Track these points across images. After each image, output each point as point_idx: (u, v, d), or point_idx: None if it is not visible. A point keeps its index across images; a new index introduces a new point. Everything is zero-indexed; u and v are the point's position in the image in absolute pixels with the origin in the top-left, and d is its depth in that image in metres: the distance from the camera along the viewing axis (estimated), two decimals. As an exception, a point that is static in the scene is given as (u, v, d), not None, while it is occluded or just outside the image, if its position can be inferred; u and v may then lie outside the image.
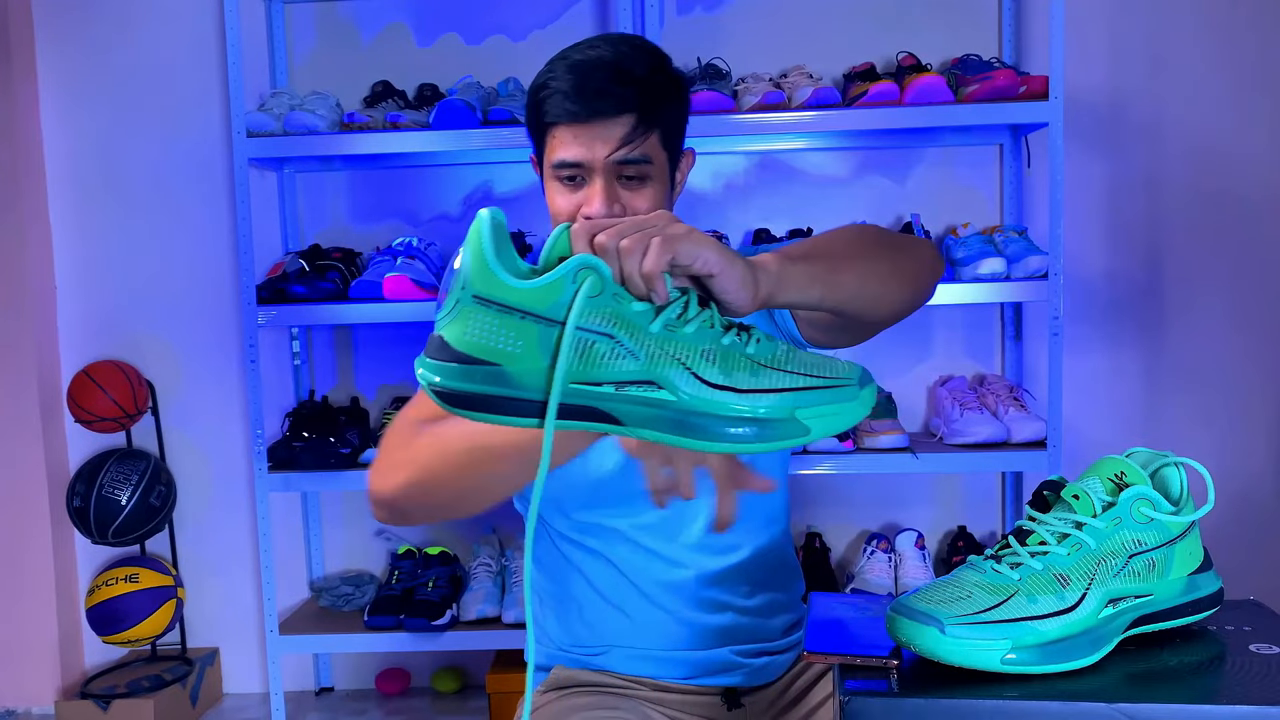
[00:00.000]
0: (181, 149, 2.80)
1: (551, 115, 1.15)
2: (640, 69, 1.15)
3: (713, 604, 1.24)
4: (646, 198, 1.18)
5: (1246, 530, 2.68)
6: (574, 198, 1.18)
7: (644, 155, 1.15)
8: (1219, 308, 2.69)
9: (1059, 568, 0.81)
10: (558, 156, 1.16)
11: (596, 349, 0.67)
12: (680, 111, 1.22)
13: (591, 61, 1.14)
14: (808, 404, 0.68)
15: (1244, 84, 2.65)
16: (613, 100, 1.13)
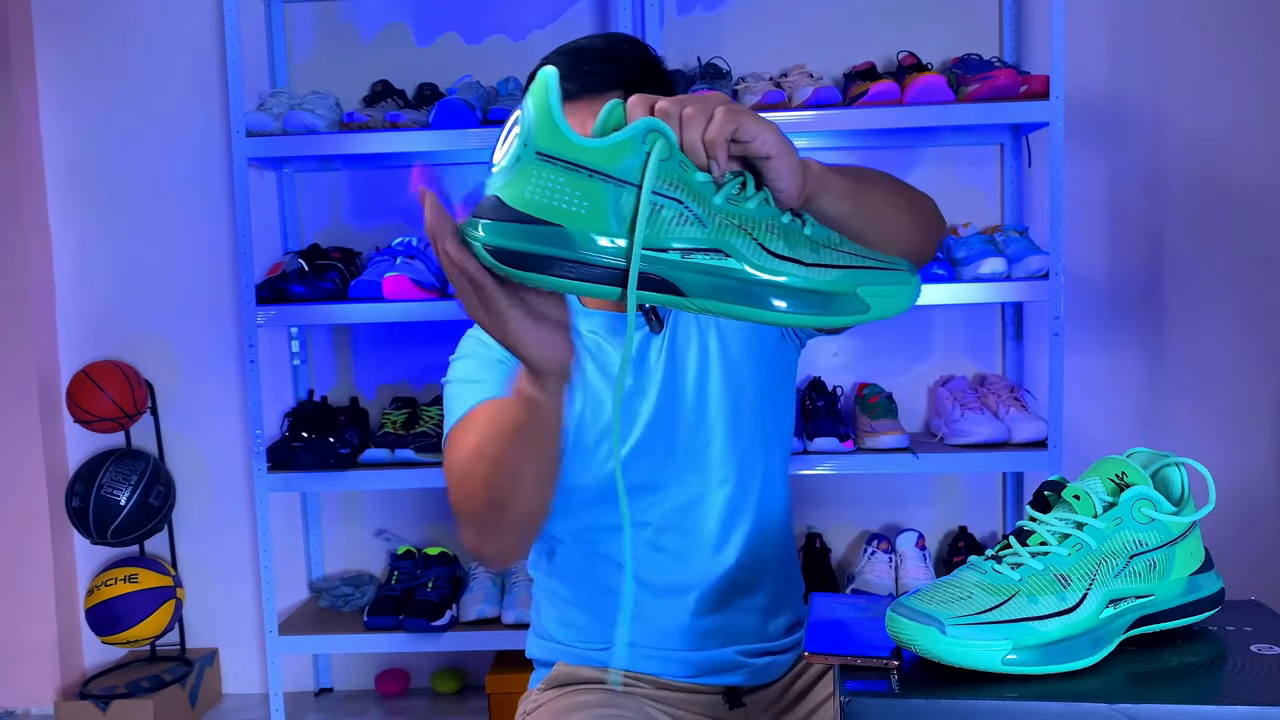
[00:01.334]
0: (181, 149, 2.80)
1: None
2: (627, 53, 1.19)
3: (715, 604, 1.24)
4: None
5: (1248, 530, 2.67)
6: None
7: None
8: (1219, 307, 2.69)
9: (1060, 568, 0.81)
10: None
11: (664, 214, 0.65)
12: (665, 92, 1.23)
13: (580, 47, 1.19)
14: (868, 282, 0.68)
15: (1244, 84, 2.65)
16: (600, 78, 1.16)
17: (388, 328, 2.81)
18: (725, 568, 1.24)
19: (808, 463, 2.38)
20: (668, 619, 1.23)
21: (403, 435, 2.52)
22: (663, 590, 1.23)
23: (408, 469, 2.47)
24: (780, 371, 1.30)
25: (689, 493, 1.23)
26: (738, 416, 1.24)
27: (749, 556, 1.25)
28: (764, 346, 1.27)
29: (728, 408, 1.24)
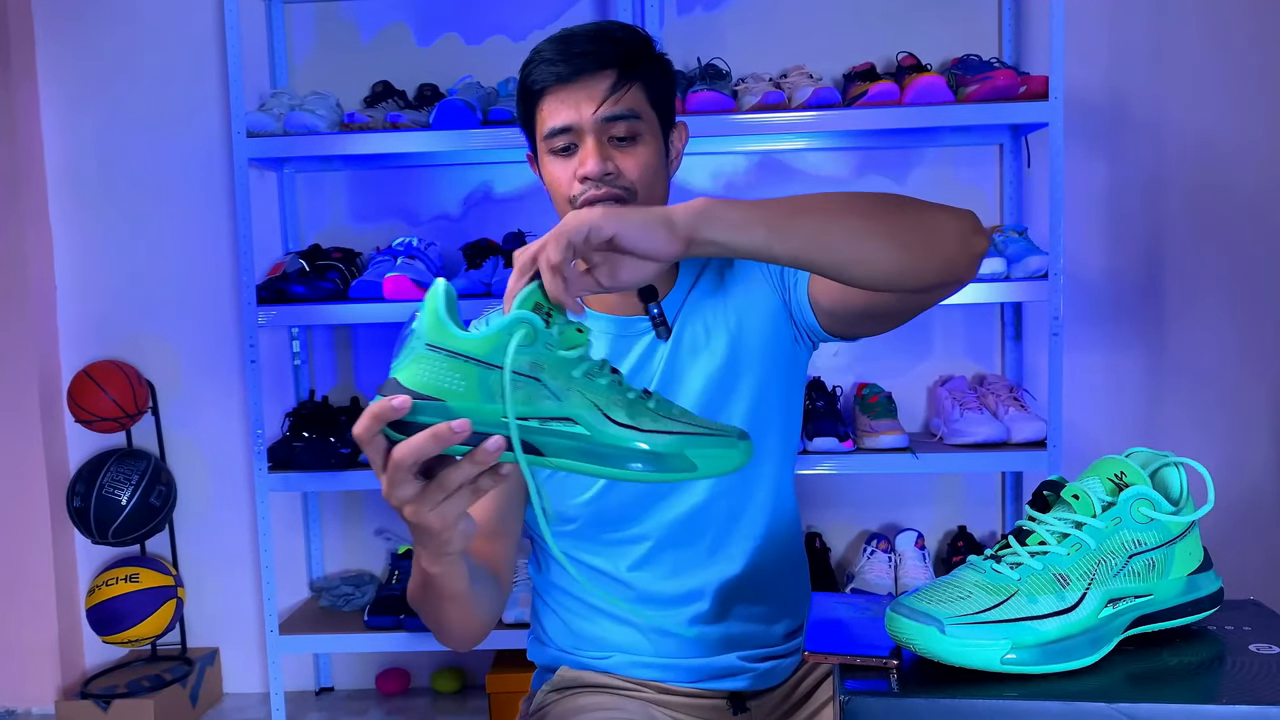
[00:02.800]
0: (181, 149, 2.80)
1: (538, 82, 1.18)
2: (619, 33, 1.19)
3: (719, 613, 1.23)
4: (638, 158, 1.17)
5: (1246, 530, 2.68)
6: (569, 165, 1.18)
7: (631, 109, 1.16)
8: (1219, 307, 2.69)
9: (1059, 568, 0.81)
10: (547, 125, 1.18)
11: (522, 391, 0.79)
12: (664, 78, 1.23)
13: (573, 31, 1.19)
14: (696, 446, 0.80)
15: (1244, 83, 2.65)
16: (593, 58, 1.16)
17: (388, 328, 2.81)
18: (728, 577, 1.23)
19: (807, 462, 2.38)
20: (670, 628, 1.22)
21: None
22: (664, 601, 1.22)
23: (408, 469, 2.47)
24: (791, 376, 1.27)
25: (691, 501, 1.21)
26: (746, 424, 1.21)
27: (753, 565, 1.24)
28: (778, 350, 1.24)
29: (735, 416, 1.21)
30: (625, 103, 1.16)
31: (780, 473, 1.27)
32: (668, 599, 1.22)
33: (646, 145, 1.18)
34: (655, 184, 1.19)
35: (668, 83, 1.24)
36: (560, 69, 1.16)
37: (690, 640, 1.23)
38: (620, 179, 1.16)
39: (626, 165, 1.17)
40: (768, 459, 1.24)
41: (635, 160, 1.17)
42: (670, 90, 1.24)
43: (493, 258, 2.53)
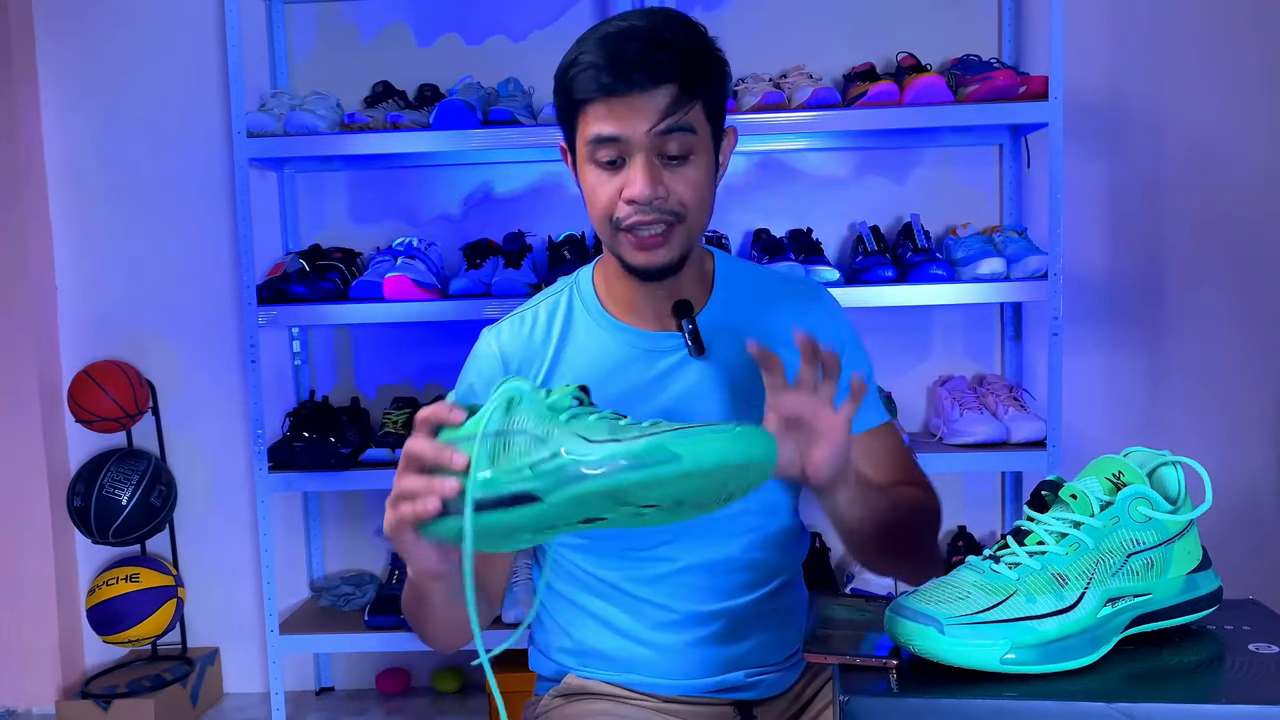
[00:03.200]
0: (182, 149, 2.80)
1: (583, 91, 1.08)
2: (678, 36, 1.07)
3: (728, 635, 1.20)
4: (690, 179, 1.10)
5: (1245, 529, 2.68)
6: (614, 182, 1.09)
7: (688, 124, 1.07)
8: (1218, 307, 2.69)
9: (1057, 567, 0.81)
10: (593, 130, 1.08)
11: (516, 445, 0.83)
12: (722, 86, 1.14)
13: (624, 32, 1.07)
14: (679, 438, 0.79)
15: (1244, 84, 2.65)
16: (651, 70, 1.05)
17: (388, 328, 2.81)
18: (741, 603, 1.21)
19: (807, 462, 2.38)
20: (679, 651, 1.20)
21: (404, 435, 2.52)
22: (674, 625, 1.20)
23: (408, 469, 2.47)
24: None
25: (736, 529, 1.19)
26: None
27: (765, 593, 1.22)
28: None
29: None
30: (685, 118, 1.07)
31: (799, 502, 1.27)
32: (680, 619, 1.20)
33: (699, 163, 1.10)
34: (705, 202, 1.13)
35: (725, 90, 1.15)
36: (611, 80, 1.06)
37: (699, 662, 1.20)
38: (669, 201, 1.09)
39: (677, 187, 1.09)
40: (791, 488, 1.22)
41: (687, 181, 1.10)
42: (725, 98, 1.15)
43: (493, 258, 2.53)
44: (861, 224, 2.57)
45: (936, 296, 2.37)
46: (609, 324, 1.22)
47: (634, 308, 1.21)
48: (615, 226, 1.11)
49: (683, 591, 1.20)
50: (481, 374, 1.23)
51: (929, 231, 2.55)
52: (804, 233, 2.57)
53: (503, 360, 1.22)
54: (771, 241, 2.52)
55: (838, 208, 2.72)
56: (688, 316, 1.15)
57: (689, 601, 1.20)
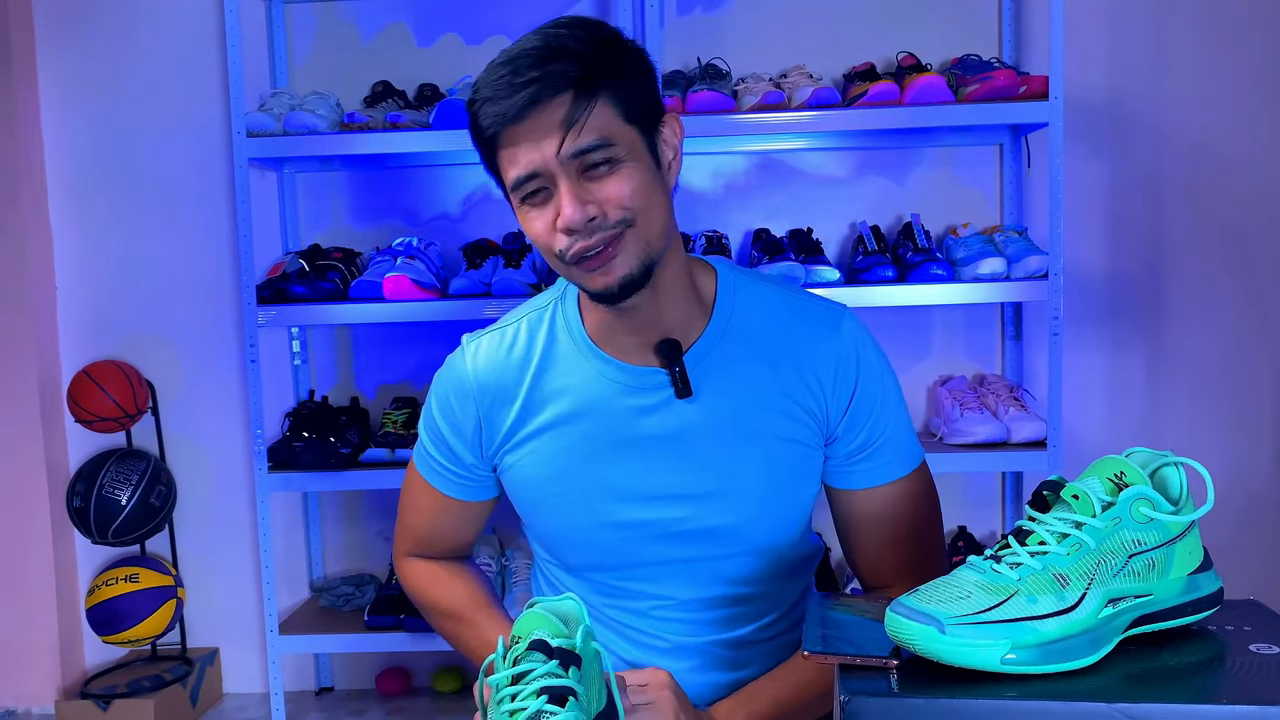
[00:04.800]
0: (181, 149, 2.80)
1: (487, 127, 1.02)
2: (570, 43, 1.01)
3: (722, 665, 1.19)
4: (621, 183, 1.01)
5: (1246, 530, 2.68)
6: (546, 214, 1.02)
7: (599, 136, 1.00)
8: (1219, 307, 2.69)
9: (1058, 568, 0.81)
10: (510, 175, 1.02)
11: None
12: (634, 79, 1.04)
13: (513, 55, 1.02)
14: None
15: (1244, 84, 2.65)
16: (542, 84, 0.99)
17: (388, 328, 2.81)
18: (744, 632, 1.19)
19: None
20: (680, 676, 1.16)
21: (403, 435, 2.52)
22: (675, 651, 1.18)
23: (408, 469, 2.47)
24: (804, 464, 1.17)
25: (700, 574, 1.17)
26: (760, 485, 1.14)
27: (769, 620, 1.20)
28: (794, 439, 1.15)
29: (751, 474, 1.13)
30: (591, 130, 0.99)
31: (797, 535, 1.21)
32: (671, 648, 1.18)
33: (629, 167, 1.02)
34: (651, 201, 1.03)
35: (642, 82, 1.06)
36: (505, 106, 1.00)
37: (700, 686, 1.18)
38: (606, 218, 1.01)
39: (610, 197, 1.01)
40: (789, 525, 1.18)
41: (618, 186, 1.01)
42: (647, 89, 1.06)
43: (493, 258, 2.53)
44: (862, 224, 2.57)
45: (937, 296, 2.37)
46: (591, 353, 1.14)
47: (617, 335, 1.13)
48: (563, 260, 1.04)
49: (674, 625, 1.18)
50: (455, 394, 1.19)
51: (929, 231, 2.55)
52: (804, 233, 2.57)
53: (478, 386, 1.17)
54: (771, 241, 2.52)
55: (838, 208, 2.72)
56: (674, 358, 1.10)
57: (680, 635, 1.18)
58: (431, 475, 1.25)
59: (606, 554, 1.17)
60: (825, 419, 1.15)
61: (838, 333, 1.15)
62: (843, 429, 1.15)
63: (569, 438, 1.15)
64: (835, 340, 1.14)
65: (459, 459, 1.21)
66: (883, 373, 1.17)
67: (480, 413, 1.18)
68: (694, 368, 1.12)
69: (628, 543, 1.15)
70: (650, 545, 1.15)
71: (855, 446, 1.15)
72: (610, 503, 1.14)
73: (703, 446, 1.13)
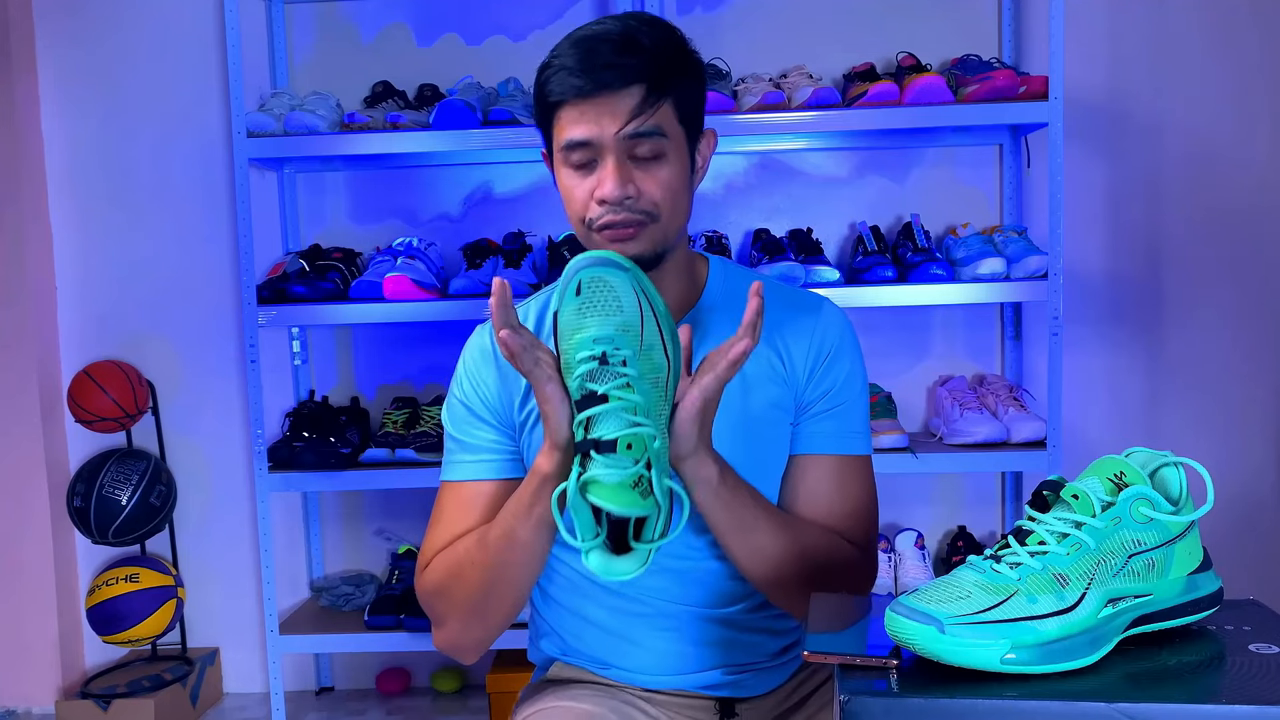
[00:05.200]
0: (181, 149, 2.80)
1: (556, 93, 1.10)
2: (647, 39, 1.10)
3: (714, 641, 1.21)
4: (661, 179, 1.11)
5: (1246, 530, 2.68)
6: (586, 183, 1.11)
7: (656, 127, 1.09)
8: (1219, 307, 2.69)
9: (1058, 567, 0.81)
10: (565, 136, 1.10)
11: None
12: (695, 87, 1.15)
13: (596, 35, 1.10)
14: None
15: (1244, 84, 2.65)
16: (619, 71, 1.07)
17: (388, 328, 2.81)
18: (729, 609, 1.21)
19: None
20: (663, 646, 1.20)
21: (403, 435, 2.52)
22: (660, 620, 1.20)
23: (408, 469, 2.47)
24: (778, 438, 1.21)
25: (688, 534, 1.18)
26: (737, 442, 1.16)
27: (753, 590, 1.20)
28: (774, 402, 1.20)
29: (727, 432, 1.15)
30: (651, 121, 1.09)
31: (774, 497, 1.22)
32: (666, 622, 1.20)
33: (671, 164, 1.11)
34: (679, 203, 1.14)
35: (699, 92, 1.16)
36: (580, 82, 1.08)
37: (682, 657, 1.20)
38: (640, 201, 1.10)
39: (648, 187, 1.10)
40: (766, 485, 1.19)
41: (658, 181, 1.11)
42: (701, 99, 1.17)
43: (493, 258, 2.53)
44: (861, 224, 2.57)
45: (936, 296, 2.37)
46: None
47: None
48: (589, 227, 1.12)
49: (668, 603, 1.20)
50: (470, 371, 1.24)
51: (929, 231, 2.55)
52: (804, 233, 2.57)
53: (494, 353, 1.22)
54: (771, 241, 2.52)
55: (838, 208, 2.72)
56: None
57: (675, 606, 1.20)
58: (464, 471, 1.22)
59: None
60: (799, 384, 1.21)
61: (818, 312, 1.24)
62: (809, 392, 1.21)
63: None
64: (816, 318, 1.23)
65: (489, 425, 1.21)
66: (854, 354, 1.24)
67: (499, 373, 1.22)
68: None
69: None
70: None
71: (816, 410, 1.21)
72: None
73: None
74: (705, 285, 1.24)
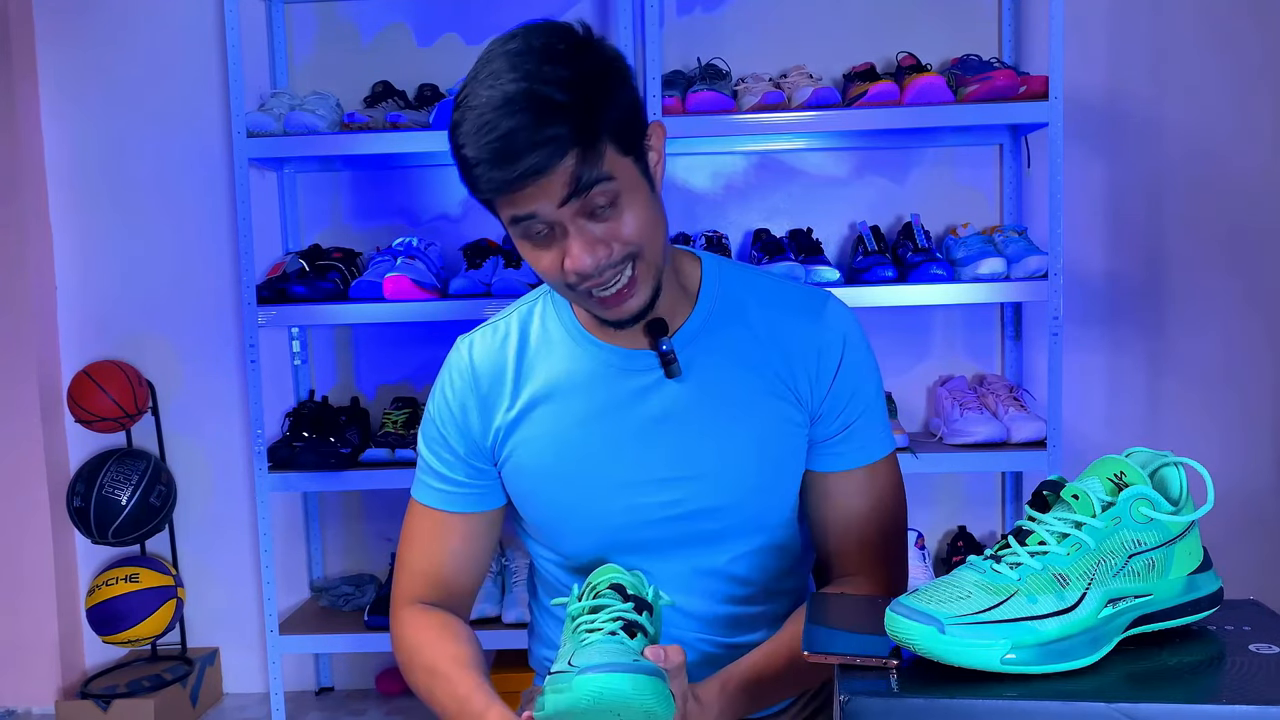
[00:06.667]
0: (181, 149, 2.80)
1: (485, 190, 1.00)
2: (559, 93, 0.96)
3: (719, 659, 1.17)
4: (625, 220, 1.02)
5: (1246, 530, 2.68)
6: (551, 253, 1.03)
7: (603, 175, 0.98)
8: (1218, 307, 2.69)
9: (1058, 567, 0.81)
10: (509, 214, 1.01)
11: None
12: (623, 103, 1.02)
13: (501, 108, 0.97)
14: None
15: (1244, 84, 2.65)
16: (544, 152, 0.95)
17: (388, 328, 2.81)
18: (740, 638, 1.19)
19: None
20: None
21: (403, 435, 2.52)
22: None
23: (408, 469, 2.47)
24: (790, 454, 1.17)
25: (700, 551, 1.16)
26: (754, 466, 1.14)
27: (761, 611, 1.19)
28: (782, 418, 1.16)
29: (745, 454, 1.14)
30: (595, 173, 0.98)
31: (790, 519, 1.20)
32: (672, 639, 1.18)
33: (630, 200, 1.02)
34: (653, 227, 1.05)
35: (630, 103, 1.03)
36: (503, 175, 0.97)
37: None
38: (615, 252, 1.02)
39: (618, 233, 1.01)
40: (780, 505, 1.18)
41: (626, 223, 1.02)
42: (634, 108, 1.04)
43: (493, 258, 2.53)
44: (861, 224, 2.57)
45: (936, 296, 2.37)
46: (582, 338, 1.16)
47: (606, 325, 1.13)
48: (573, 289, 1.05)
49: (669, 626, 1.18)
50: (453, 387, 1.20)
51: (929, 231, 2.55)
52: (804, 233, 2.57)
53: (474, 375, 1.19)
54: (771, 241, 2.52)
55: (838, 208, 2.72)
56: (662, 336, 1.12)
57: (678, 630, 1.18)
58: (433, 497, 1.21)
59: (601, 539, 1.16)
60: (810, 399, 1.16)
61: (823, 314, 1.18)
62: (825, 409, 1.16)
63: (562, 421, 1.15)
64: (820, 322, 1.17)
65: (461, 459, 1.20)
66: (865, 356, 1.20)
67: (479, 399, 1.18)
68: (682, 350, 1.14)
69: (621, 529, 1.15)
70: (644, 530, 1.15)
71: (836, 428, 1.16)
72: (603, 485, 1.15)
73: (693, 427, 1.14)
74: (699, 292, 1.17)
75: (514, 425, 1.17)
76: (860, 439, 1.17)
